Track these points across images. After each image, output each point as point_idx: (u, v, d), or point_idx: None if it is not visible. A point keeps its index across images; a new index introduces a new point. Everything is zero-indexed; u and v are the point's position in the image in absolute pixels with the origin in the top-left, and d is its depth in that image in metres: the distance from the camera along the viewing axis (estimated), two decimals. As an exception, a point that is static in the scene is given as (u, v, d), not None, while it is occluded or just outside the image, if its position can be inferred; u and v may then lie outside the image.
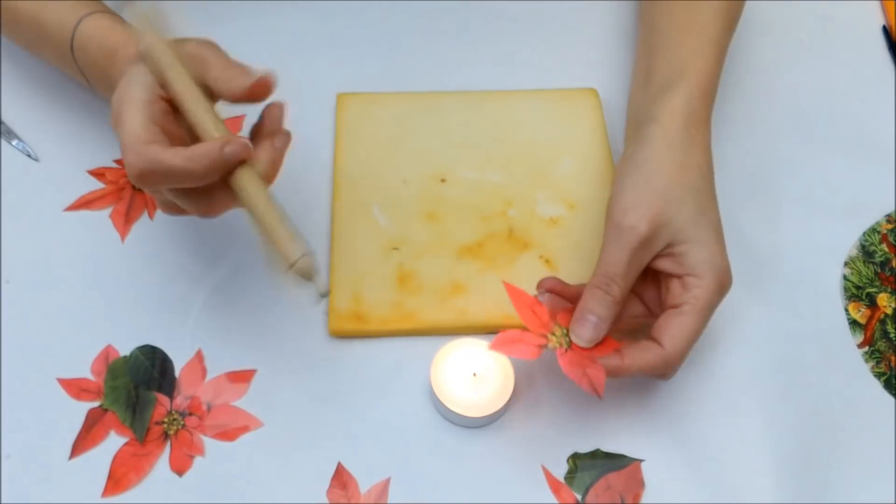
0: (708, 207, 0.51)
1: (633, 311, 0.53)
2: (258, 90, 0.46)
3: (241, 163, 0.46)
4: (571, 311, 0.51)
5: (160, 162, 0.44)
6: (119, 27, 0.54)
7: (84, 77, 0.57)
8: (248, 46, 0.56)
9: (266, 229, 0.45)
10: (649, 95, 0.55)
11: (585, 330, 0.49)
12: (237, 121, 0.64)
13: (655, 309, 0.53)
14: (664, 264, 0.50)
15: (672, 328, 0.49)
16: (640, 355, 0.49)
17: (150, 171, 0.44)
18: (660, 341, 0.49)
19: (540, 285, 0.53)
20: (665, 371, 0.50)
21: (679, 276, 0.50)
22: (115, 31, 0.54)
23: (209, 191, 0.47)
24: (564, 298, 0.53)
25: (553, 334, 0.51)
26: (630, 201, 0.50)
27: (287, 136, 0.48)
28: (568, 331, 0.51)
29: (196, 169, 0.44)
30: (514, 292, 0.52)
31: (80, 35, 0.55)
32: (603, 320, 0.49)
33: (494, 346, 0.51)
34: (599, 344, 0.50)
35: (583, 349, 0.50)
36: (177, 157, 0.44)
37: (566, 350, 0.50)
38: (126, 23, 0.54)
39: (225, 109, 0.49)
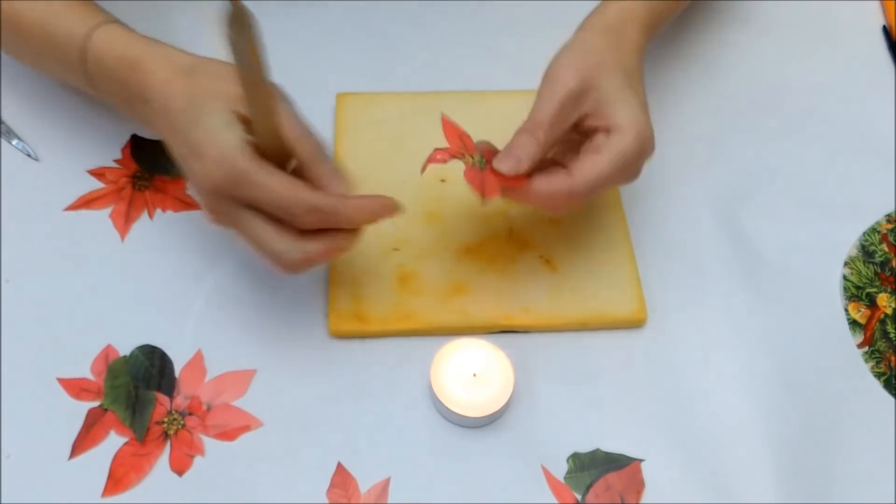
0: (637, 84, 0.54)
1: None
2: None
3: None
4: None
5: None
6: (136, 36, 0.53)
7: (92, 87, 0.56)
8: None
9: None
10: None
11: (509, 160, 0.51)
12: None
13: None
14: (591, 121, 0.53)
15: (584, 161, 0.52)
16: (546, 178, 0.52)
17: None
18: (570, 170, 0.52)
19: (476, 147, 0.54)
20: (568, 201, 0.52)
21: (604, 129, 0.52)
22: (132, 40, 0.53)
23: None
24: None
25: (471, 156, 0.53)
26: (565, 61, 0.53)
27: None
28: (485, 159, 0.52)
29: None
30: (448, 126, 0.54)
31: (95, 46, 0.53)
32: (527, 157, 0.51)
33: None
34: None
35: (492, 173, 0.51)
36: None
37: (475, 167, 0.52)
38: (138, 33, 0.54)
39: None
